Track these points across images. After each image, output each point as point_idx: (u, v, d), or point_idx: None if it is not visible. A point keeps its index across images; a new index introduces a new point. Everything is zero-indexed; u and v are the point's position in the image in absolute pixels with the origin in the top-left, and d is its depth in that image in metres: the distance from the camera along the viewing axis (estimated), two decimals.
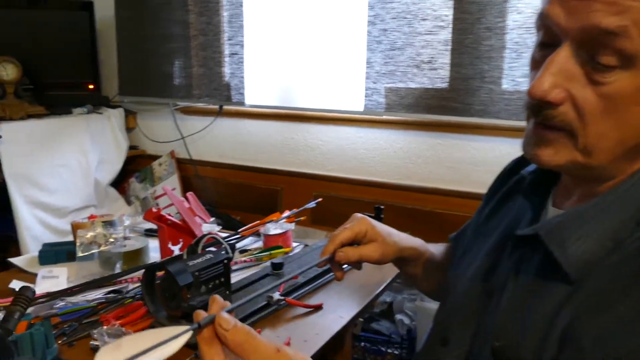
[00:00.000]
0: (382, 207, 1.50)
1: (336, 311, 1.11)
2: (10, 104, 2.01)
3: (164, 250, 1.36)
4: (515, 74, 1.62)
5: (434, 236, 1.86)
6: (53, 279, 1.23)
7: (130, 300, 1.12)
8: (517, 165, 0.82)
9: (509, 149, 1.74)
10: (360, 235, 0.82)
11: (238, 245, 1.49)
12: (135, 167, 2.52)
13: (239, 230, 1.52)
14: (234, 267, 1.33)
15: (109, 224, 1.38)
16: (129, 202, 2.51)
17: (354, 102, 1.94)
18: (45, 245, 1.43)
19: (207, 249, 1.19)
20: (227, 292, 1.06)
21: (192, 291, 0.96)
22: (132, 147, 2.52)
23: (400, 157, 1.92)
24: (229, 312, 0.51)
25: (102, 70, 2.53)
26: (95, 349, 0.94)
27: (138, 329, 1.01)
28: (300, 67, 2.05)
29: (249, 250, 1.47)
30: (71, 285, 1.20)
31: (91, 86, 2.37)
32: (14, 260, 1.37)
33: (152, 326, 1.00)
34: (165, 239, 1.35)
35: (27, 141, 2.02)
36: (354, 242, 0.82)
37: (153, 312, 1.01)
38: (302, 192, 2.04)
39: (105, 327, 0.99)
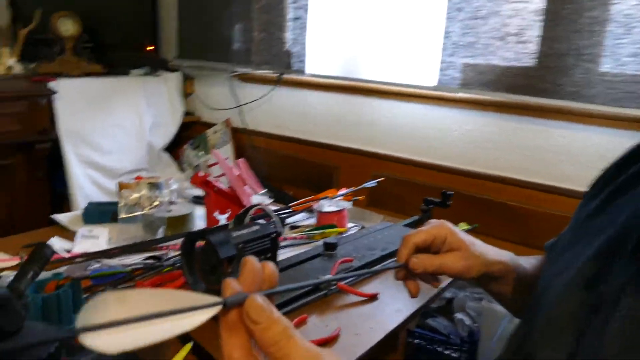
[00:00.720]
0: (450, 192, 1.34)
1: (393, 304, 0.97)
2: (68, 60, 1.98)
3: (209, 218, 1.26)
4: (620, 52, 1.39)
5: (505, 230, 1.69)
6: (92, 239, 1.16)
7: (170, 268, 1.03)
8: (636, 153, 0.64)
9: (602, 140, 1.52)
10: (439, 240, 0.66)
11: (289, 220, 1.37)
12: (191, 134, 2.45)
13: (291, 204, 1.41)
14: (282, 244, 1.22)
15: (154, 186, 1.30)
16: (182, 169, 2.45)
17: (426, 76, 1.77)
18: (91, 204, 1.37)
19: (255, 221, 1.07)
20: None
21: (234, 265, 0.85)
22: (188, 114, 2.46)
23: (472, 141, 1.74)
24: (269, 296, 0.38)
25: (162, 32, 2.47)
26: None
27: None
28: (368, 35, 1.89)
29: (300, 227, 1.35)
30: (111, 247, 1.12)
31: (150, 48, 2.32)
32: (58, 217, 1.31)
33: None
34: (211, 207, 1.25)
35: (82, 99, 1.98)
36: (431, 250, 0.67)
37: (191, 284, 0.90)
38: (360, 171, 1.90)
39: None
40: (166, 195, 1.29)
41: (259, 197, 1.56)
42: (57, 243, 1.11)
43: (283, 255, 1.14)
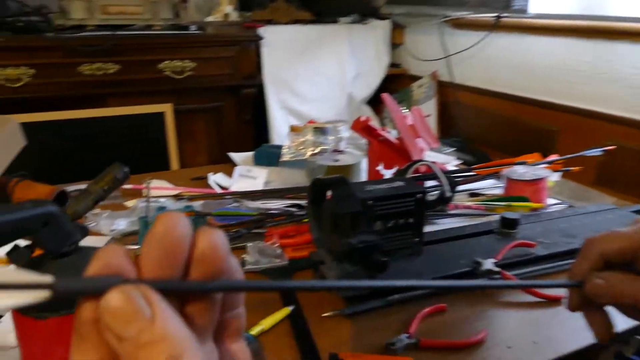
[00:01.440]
0: None
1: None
2: (279, 7, 2.01)
3: (371, 172, 1.10)
4: None
5: None
6: (250, 179, 1.12)
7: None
8: None
9: None
10: None
11: (471, 186, 1.12)
12: (395, 87, 2.30)
13: (474, 167, 1.15)
14: (452, 212, 0.99)
15: (320, 131, 1.20)
16: (382, 124, 2.34)
17: None
18: (265, 145, 1.35)
19: (406, 177, 0.88)
20: (417, 239, 0.75)
21: (359, 223, 0.68)
22: (393, 65, 2.30)
23: None
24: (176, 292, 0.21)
25: None
26: (242, 264, 0.77)
27: (297, 255, 0.80)
28: None
29: (483, 195, 1.09)
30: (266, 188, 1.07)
31: None
32: (233, 155, 1.33)
33: (309, 257, 0.77)
34: (374, 158, 1.09)
35: (288, 46, 2.00)
36: (636, 267, 0.38)
37: (315, 240, 0.77)
38: (589, 138, 1.48)
39: (265, 242, 0.81)
40: (330, 142, 1.17)
41: (441, 157, 1.34)
42: (214, 178, 1.11)
43: (444, 224, 0.92)
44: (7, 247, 0.48)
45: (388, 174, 1.12)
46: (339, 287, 0.20)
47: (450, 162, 1.32)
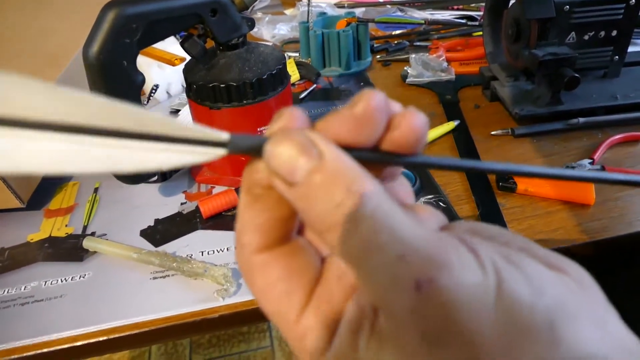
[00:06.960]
0: None
1: None
2: None
3: None
4: None
5: None
6: None
7: (481, 33, 0.81)
8: None
9: None
10: None
11: None
12: None
13: None
14: None
15: None
16: None
17: None
18: None
19: None
20: (616, 57, 0.62)
21: (548, 33, 0.58)
22: None
23: None
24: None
25: None
26: (404, 77, 0.72)
27: (464, 71, 0.72)
28: None
29: None
30: None
31: None
32: None
33: (479, 72, 0.69)
34: None
35: None
36: None
37: (488, 53, 0.69)
38: None
39: (430, 55, 0.75)
40: None
41: None
42: None
43: None
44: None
45: None
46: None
47: None
